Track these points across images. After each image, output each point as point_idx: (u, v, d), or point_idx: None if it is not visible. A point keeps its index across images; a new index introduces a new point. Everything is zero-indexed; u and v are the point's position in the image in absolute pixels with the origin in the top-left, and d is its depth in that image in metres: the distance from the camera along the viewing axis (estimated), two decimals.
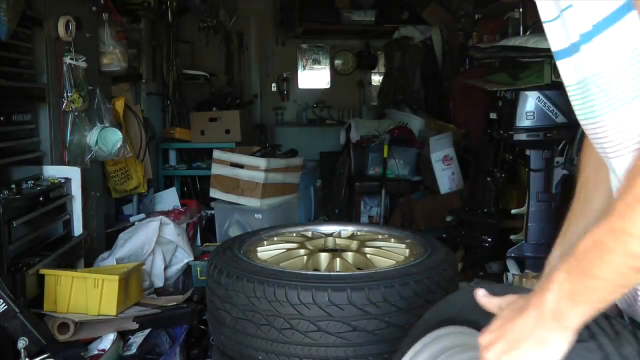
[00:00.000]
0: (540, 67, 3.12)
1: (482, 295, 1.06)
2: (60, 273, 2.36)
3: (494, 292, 1.04)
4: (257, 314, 1.83)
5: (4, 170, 2.40)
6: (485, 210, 3.53)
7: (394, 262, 2.11)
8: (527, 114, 2.95)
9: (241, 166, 3.75)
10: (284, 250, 2.28)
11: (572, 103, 0.97)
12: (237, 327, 1.88)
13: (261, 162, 3.68)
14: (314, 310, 1.77)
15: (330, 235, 2.48)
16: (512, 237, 3.26)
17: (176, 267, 3.16)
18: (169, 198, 4.17)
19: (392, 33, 6.33)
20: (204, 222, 4.08)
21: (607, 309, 0.88)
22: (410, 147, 4.83)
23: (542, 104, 2.92)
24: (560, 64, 0.97)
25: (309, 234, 2.51)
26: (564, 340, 0.87)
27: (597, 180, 1.12)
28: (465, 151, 4.63)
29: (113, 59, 3.42)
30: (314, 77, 7.33)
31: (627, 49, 0.84)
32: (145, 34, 4.35)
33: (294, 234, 2.50)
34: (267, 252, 2.26)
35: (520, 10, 4.32)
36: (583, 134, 1.04)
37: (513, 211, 3.33)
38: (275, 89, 7.14)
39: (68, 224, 2.75)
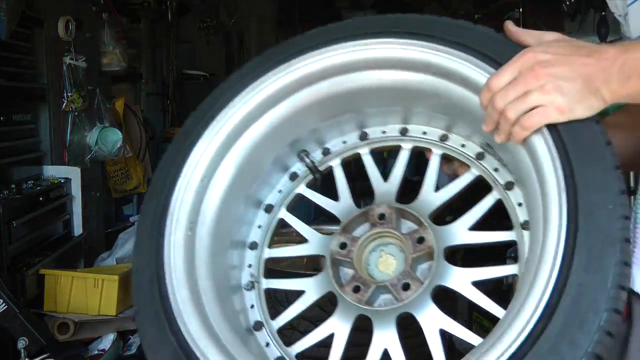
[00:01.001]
0: None
1: (513, 26, 1.00)
2: (60, 273, 2.36)
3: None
4: None
5: (4, 170, 2.40)
6: None
7: None
8: None
9: None
10: None
11: None
12: None
13: None
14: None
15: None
16: None
17: None
18: None
19: None
20: None
21: None
22: None
23: None
24: None
25: None
26: (598, 106, 0.89)
27: None
28: None
29: (113, 59, 3.41)
30: None
31: None
32: (145, 34, 4.36)
33: (294, 234, 2.50)
34: None
35: (520, 10, 4.32)
36: None
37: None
38: None
39: (68, 224, 2.75)
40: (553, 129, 0.95)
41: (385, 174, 1.26)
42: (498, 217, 1.20)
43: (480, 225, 1.17)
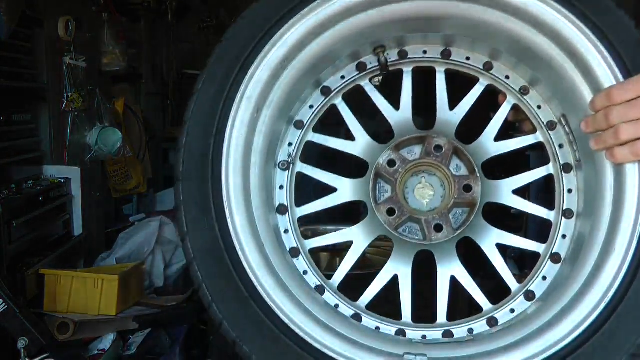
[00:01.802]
0: None
1: None
2: (60, 273, 2.36)
3: None
4: None
5: (4, 170, 2.40)
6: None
7: None
8: None
9: None
10: None
11: None
12: None
13: None
14: None
15: None
16: None
17: (176, 267, 3.16)
18: (169, 198, 4.16)
19: None
20: None
21: None
22: None
23: None
24: None
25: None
26: None
27: None
28: None
29: (113, 59, 3.41)
30: None
31: None
32: (145, 34, 4.35)
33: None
34: None
35: None
36: None
37: (513, 211, 3.31)
38: None
39: (68, 224, 2.75)
40: None
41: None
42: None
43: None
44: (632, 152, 0.91)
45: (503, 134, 1.22)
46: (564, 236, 1.13)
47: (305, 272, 1.20)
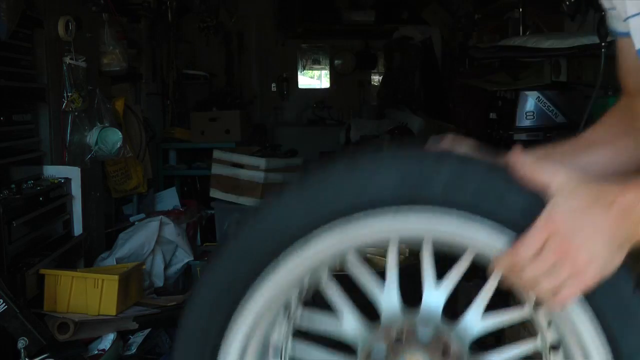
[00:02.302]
0: (540, 67, 3.12)
1: (522, 163, 0.95)
2: (60, 273, 2.36)
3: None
4: None
5: (4, 170, 2.40)
6: None
7: None
8: (527, 114, 2.95)
9: (241, 166, 3.74)
10: None
11: None
12: None
13: (261, 162, 3.68)
14: None
15: None
16: None
17: (176, 267, 3.16)
18: (169, 198, 4.17)
19: (392, 33, 6.33)
20: (203, 222, 4.08)
21: None
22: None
23: (542, 104, 2.92)
24: None
25: None
26: (622, 256, 0.88)
27: None
28: None
29: (113, 59, 3.42)
30: (314, 77, 7.33)
31: None
32: (145, 34, 4.36)
33: None
34: None
35: (520, 10, 4.32)
36: None
37: None
38: (275, 89, 7.14)
39: (68, 224, 2.75)
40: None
41: None
42: None
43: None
44: (559, 303, 0.90)
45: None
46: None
47: None
